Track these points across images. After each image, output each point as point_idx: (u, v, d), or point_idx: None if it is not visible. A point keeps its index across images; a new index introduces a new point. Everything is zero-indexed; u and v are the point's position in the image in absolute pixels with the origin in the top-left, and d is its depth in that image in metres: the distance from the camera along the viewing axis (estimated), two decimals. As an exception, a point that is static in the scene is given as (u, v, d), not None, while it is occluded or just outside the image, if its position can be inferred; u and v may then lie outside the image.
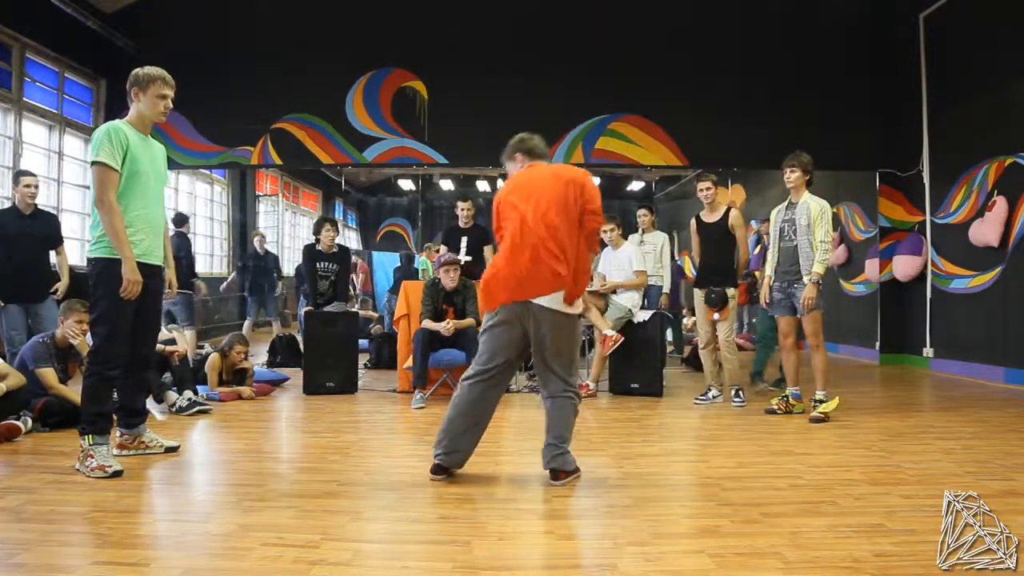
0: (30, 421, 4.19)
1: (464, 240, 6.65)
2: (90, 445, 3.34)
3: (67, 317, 4.52)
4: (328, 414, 5.12)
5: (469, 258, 6.53)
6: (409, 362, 5.71)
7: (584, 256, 3.29)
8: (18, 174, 5.36)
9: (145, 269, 3.47)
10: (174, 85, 3.56)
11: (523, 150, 3.52)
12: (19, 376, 4.28)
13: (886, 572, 2.24)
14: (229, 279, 10.59)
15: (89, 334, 3.67)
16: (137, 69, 3.51)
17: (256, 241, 9.59)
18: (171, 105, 3.58)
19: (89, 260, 3.46)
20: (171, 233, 7.37)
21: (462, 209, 6.76)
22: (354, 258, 13.56)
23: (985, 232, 6.85)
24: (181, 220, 7.84)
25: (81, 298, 4.76)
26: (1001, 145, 6.77)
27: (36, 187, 5.26)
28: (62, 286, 5.34)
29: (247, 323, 9.39)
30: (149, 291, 3.53)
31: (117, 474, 3.28)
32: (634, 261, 5.97)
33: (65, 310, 4.59)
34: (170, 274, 3.87)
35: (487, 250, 6.69)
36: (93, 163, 3.34)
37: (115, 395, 3.89)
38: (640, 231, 7.05)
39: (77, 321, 4.45)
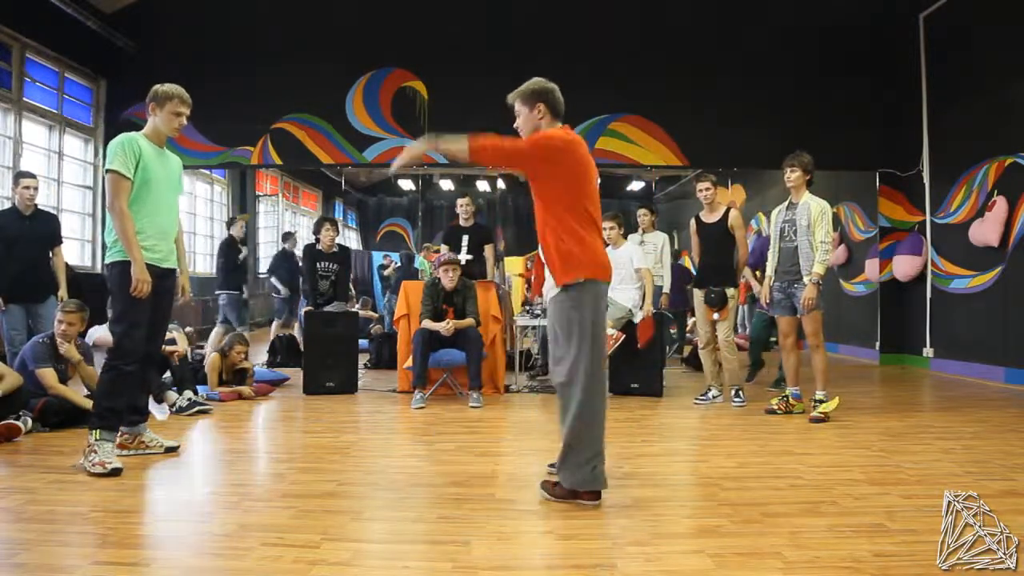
0: (30, 421, 4.18)
1: (465, 239, 6.61)
2: (96, 440, 3.38)
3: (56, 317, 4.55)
4: (328, 414, 5.11)
5: (470, 257, 6.49)
6: (409, 362, 5.71)
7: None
8: (18, 175, 5.36)
9: (158, 271, 3.60)
10: (191, 104, 3.71)
11: (552, 106, 3.06)
12: (16, 376, 4.28)
13: (886, 572, 2.24)
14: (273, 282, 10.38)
15: (107, 329, 3.68)
16: (157, 86, 3.67)
17: (289, 244, 9.55)
18: (185, 122, 3.73)
19: (106, 265, 3.58)
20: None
21: (461, 206, 6.71)
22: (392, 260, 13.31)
23: (985, 232, 6.85)
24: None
25: (86, 299, 4.81)
26: (1001, 145, 6.76)
27: (36, 188, 5.25)
28: (61, 291, 5.34)
29: (275, 324, 8.95)
30: (163, 292, 3.65)
31: (116, 472, 3.29)
32: (635, 259, 5.96)
33: (58, 311, 4.61)
34: (183, 279, 3.96)
35: (487, 249, 6.68)
36: (107, 171, 3.50)
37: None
38: (640, 231, 7.05)
39: (59, 320, 4.49)
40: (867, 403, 5.70)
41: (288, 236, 9.64)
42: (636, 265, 5.93)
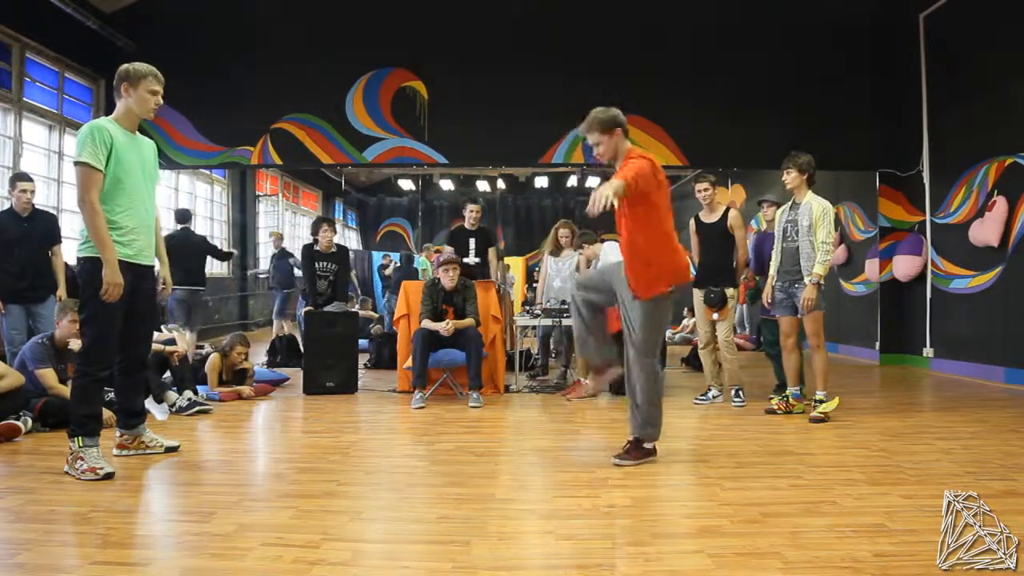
0: (30, 421, 4.19)
1: (472, 242, 6.64)
2: (79, 447, 3.28)
3: (61, 318, 4.53)
4: (328, 414, 5.11)
5: (478, 259, 6.55)
6: (409, 362, 5.71)
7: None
8: (14, 178, 5.34)
9: (136, 269, 3.44)
10: (164, 81, 3.50)
11: (624, 125, 3.54)
12: (18, 376, 4.28)
13: (886, 572, 2.24)
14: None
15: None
16: (127, 64, 3.44)
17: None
18: (161, 102, 3.52)
19: (78, 259, 3.41)
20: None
21: (471, 211, 6.76)
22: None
23: (985, 232, 6.85)
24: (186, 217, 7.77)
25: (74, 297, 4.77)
26: (1001, 145, 6.76)
27: (32, 192, 5.24)
28: (60, 290, 5.33)
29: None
30: (141, 292, 3.49)
31: (109, 476, 3.23)
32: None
33: (59, 311, 4.59)
34: (163, 272, 3.81)
35: (491, 252, 6.76)
36: (76, 163, 3.29)
37: (111, 395, 3.90)
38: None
39: (71, 321, 4.45)
40: (867, 403, 5.69)
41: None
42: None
